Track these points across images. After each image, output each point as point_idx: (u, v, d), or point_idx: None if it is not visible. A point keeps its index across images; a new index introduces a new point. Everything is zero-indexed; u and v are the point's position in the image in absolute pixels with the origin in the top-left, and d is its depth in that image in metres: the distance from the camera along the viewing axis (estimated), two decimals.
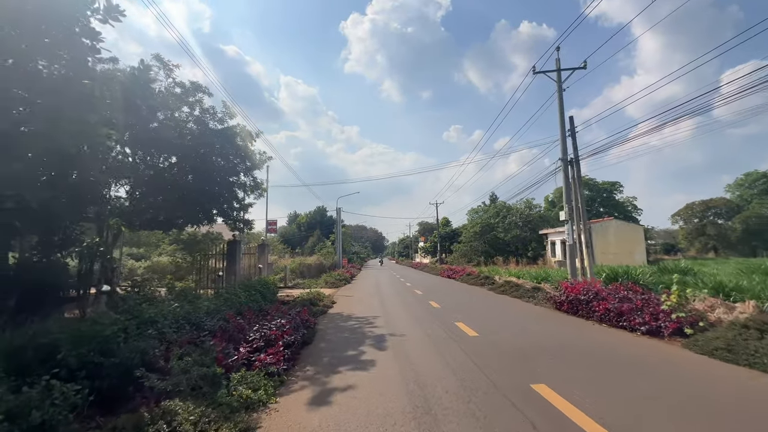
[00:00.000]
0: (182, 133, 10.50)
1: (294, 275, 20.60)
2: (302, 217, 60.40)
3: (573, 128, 14.73)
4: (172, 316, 5.84)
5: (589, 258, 13.98)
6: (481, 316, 8.18)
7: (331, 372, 4.66)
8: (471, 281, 17.61)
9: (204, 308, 7.02)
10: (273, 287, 13.27)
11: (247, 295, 9.72)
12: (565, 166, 14.51)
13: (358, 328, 7.42)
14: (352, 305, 11.05)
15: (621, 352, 5.21)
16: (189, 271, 12.64)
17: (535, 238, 41.58)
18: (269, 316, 6.46)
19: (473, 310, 9.11)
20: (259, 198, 14.17)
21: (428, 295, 12.80)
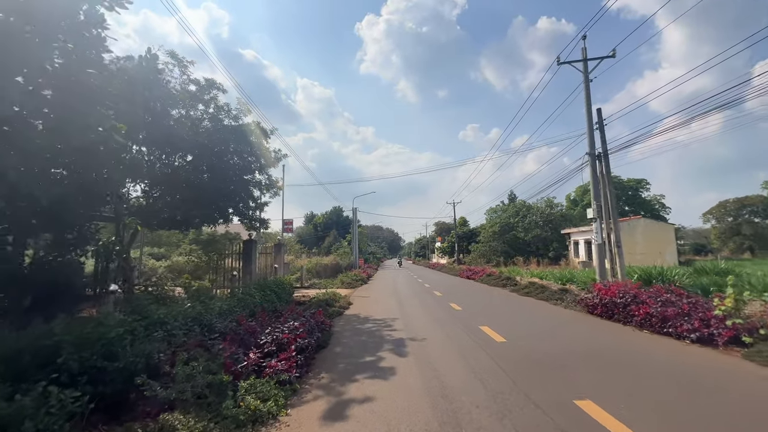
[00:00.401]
0: (197, 131, 10.39)
1: (310, 275, 20.43)
2: (319, 217, 60.61)
3: (601, 120, 13.94)
4: (183, 317, 5.60)
5: (620, 258, 13.18)
6: (506, 320, 7.65)
7: (348, 380, 4.28)
8: (492, 282, 16.97)
9: (216, 309, 6.78)
10: (289, 287, 13.04)
11: (262, 296, 9.48)
12: (593, 160, 13.74)
13: (376, 331, 7.03)
14: (369, 306, 10.68)
15: (673, 363, 4.63)
16: (207, 271, 12.55)
17: (557, 238, 40.32)
18: (283, 317, 6.14)
19: (498, 313, 8.57)
20: (275, 197, 14.00)
21: (448, 297, 12.30)
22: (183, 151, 10.43)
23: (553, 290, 11.57)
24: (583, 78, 14.23)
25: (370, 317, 8.64)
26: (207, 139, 10.41)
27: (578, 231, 34.28)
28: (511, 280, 15.89)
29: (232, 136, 10.82)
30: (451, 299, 11.57)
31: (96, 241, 8.87)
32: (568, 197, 55.14)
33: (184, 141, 9.95)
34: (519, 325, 7.13)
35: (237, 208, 12.22)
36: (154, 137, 9.65)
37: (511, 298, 11.40)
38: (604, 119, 13.99)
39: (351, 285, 17.78)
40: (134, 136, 8.31)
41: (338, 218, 59.14)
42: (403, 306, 10.54)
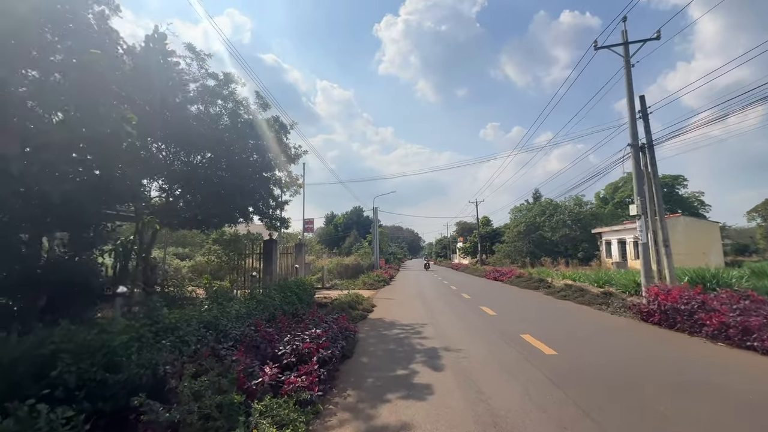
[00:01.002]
0: (216, 127, 10.09)
1: (331, 276, 20.02)
2: (339, 217, 60.53)
3: (645, 108, 12.79)
4: (196, 322, 5.16)
5: (668, 259, 12.00)
6: (550, 328, 6.84)
7: (378, 400, 3.67)
8: (522, 284, 15.99)
9: (233, 312, 6.33)
10: (310, 288, 12.60)
11: (282, 297, 9.03)
12: (636, 152, 12.61)
13: (405, 338, 6.39)
14: (394, 310, 10.05)
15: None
16: (228, 271, 12.31)
17: (586, 238, 38.54)
18: (303, 323, 5.60)
19: (538, 320, 7.75)
20: (295, 195, 13.65)
21: (478, 300, 11.52)
22: (202, 148, 10.15)
23: (594, 294, 10.59)
24: (624, 63, 13.10)
25: (396, 322, 8.02)
26: (226, 136, 10.09)
27: (611, 230, 32.52)
28: (544, 282, 14.90)
29: (251, 131, 10.47)
30: (482, 302, 10.79)
31: (114, 240, 8.67)
32: (597, 195, 52.86)
33: (203, 137, 9.65)
34: (566, 334, 6.31)
35: (257, 206, 11.88)
36: (173, 133, 9.39)
37: (548, 302, 10.50)
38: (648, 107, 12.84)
39: (373, 286, 17.23)
40: (151, 132, 8.04)
41: (358, 218, 58.85)
42: (431, 310, 9.85)
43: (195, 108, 10.05)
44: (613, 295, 10.09)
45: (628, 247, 29.89)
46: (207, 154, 10.34)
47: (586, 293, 10.82)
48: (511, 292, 13.74)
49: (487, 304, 10.19)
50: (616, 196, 50.61)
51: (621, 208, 46.30)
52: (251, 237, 16.05)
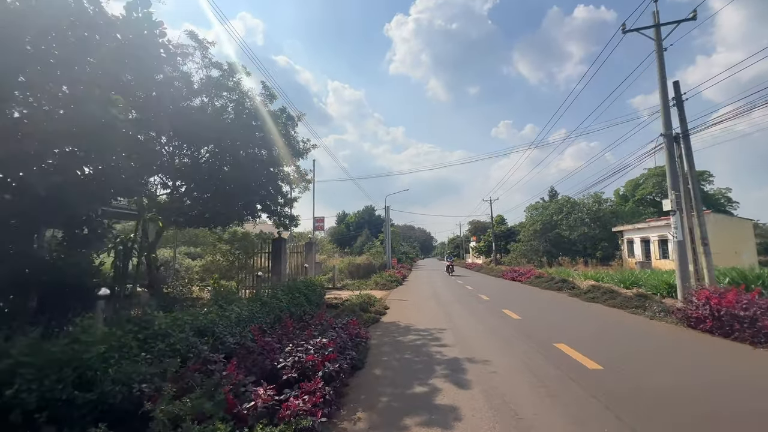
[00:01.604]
0: (221, 120, 9.62)
1: (342, 275, 19.48)
2: (351, 216, 60.10)
3: (679, 95, 11.83)
4: (190, 328, 4.63)
5: (707, 258, 11.05)
6: (586, 335, 6.06)
7: (394, 426, 3.04)
8: (543, 285, 15.12)
9: (233, 316, 5.80)
10: (320, 289, 12.06)
11: (290, 299, 8.50)
12: (670, 142, 11.65)
13: (422, 346, 5.74)
14: (408, 312, 9.41)
15: None
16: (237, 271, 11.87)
17: (606, 237, 37.16)
18: (308, 331, 5.00)
19: (569, 325, 6.96)
20: (304, 191, 13.13)
21: (498, 302, 10.76)
22: (206, 142, 9.69)
23: (626, 296, 9.73)
24: (655, 47, 12.15)
25: (411, 326, 7.37)
26: (231, 129, 9.61)
27: (633, 228, 31.13)
28: (567, 283, 14.02)
29: (257, 124, 9.97)
30: (503, 305, 10.04)
31: (114, 238, 8.25)
32: (616, 192, 51.06)
33: (207, 130, 9.20)
34: (607, 344, 5.54)
35: (265, 204, 11.40)
36: (175, 126, 8.96)
37: (576, 305, 9.68)
38: (683, 93, 11.89)
39: (386, 286, 16.61)
40: (150, 123, 7.59)
41: (370, 217, 58.32)
42: (449, 313, 9.16)
43: (199, 100, 9.61)
44: (648, 297, 9.23)
45: (653, 245, 28.53)
46: (211, 148, 9.89)
47: (617, 295, 9.97)
48: (533, 293, 12.92)
49: (509, 307, 9.44)
50: (636, 194, 48.75)
51: (642, 206, 44.58)
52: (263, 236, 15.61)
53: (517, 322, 7.50)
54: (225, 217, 11.49)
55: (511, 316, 8.10)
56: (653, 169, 46.69)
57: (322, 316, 6.15)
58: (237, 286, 10.20)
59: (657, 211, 42.64)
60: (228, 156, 10.01)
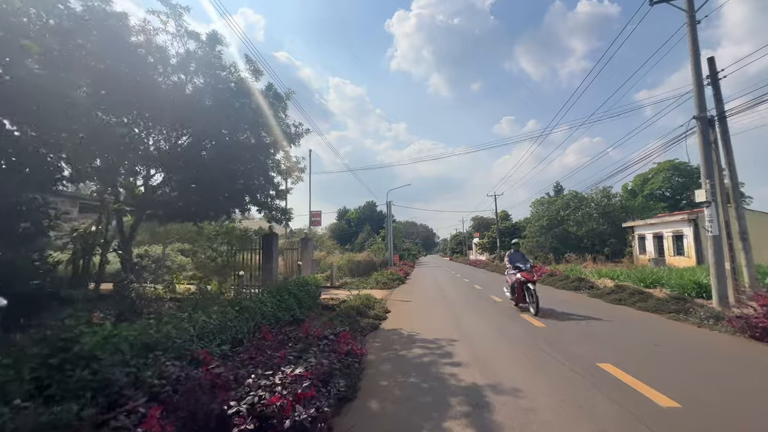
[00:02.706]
0: (200, 99, 8.50)
1: (341, 273, 18.40)
2: (352, 212, 58.97)
3: (714, 73, 10.60)
4: (130, 346, 3.53)
5: (747, 255, 9.86)
6: (637, 353, 4.77)
7: None
8: (558, 284, 13.95)
9: (199, 326, 4.71)
10: (314, 289, 10.97)
11: (276, 302, 7.39)
12: (704, 126, 10.44)
13: (431, 364, 4.62)
14: (412, 316, 8.29)
15: None
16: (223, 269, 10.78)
17: (614, 233, 35.98)
18: (285, 349, 3.86)
19: (608, 338, 5.69)
20: (298, 181, 11.99)
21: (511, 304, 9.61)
22: (183, 124, 8.57)
23: (658, 298, 8.57)
24: (687, 19, 10.90)
25: (416, 336, 6.25)
26: (212, 109, 8.49)
27: (645, 224, 29.89)
28: (584, 282, 12.86)
29: (241, 103, 8.84)
30: (520, 308, 8.88)
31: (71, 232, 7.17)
32: (624, 187, 49.68)
33: (183, 110, 8.08)
34: (669, 366, 4.32)
35: (254, 195, 10.31)
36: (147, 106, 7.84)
37: (603, 310, 8.50)
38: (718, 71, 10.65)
39: (387, 285, 15.50)
40: (110, 99, 6.47)
41: (372, 213, 57.20)
42: (458, 317, 8.03)
43: (176, 77, 8.48)
44: (685, 300, 8.07)
45: (666, 241, 27.28)
46: (189, 131, 8.77)
47: (647, 297, 8.80)
48: (548, 294, 11.76)
49: (528, 312, 8.28)
50: (645, 188, 47.38)
51: (653, 201, 43.24)
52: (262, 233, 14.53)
53: (541, 330, 6.35)
54: (210, 210, 10.41)
55: (533, 323, 6.96)
56: (663, 164, 45.32)
57: (309, 326, 5.04)
58: (220, 287, 9.12)
59: (668, 206, 41.33)
60: (208, 140, 8.91)
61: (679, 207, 41.64)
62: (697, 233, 24.67)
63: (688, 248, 25.09)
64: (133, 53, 7.13)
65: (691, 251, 24.69)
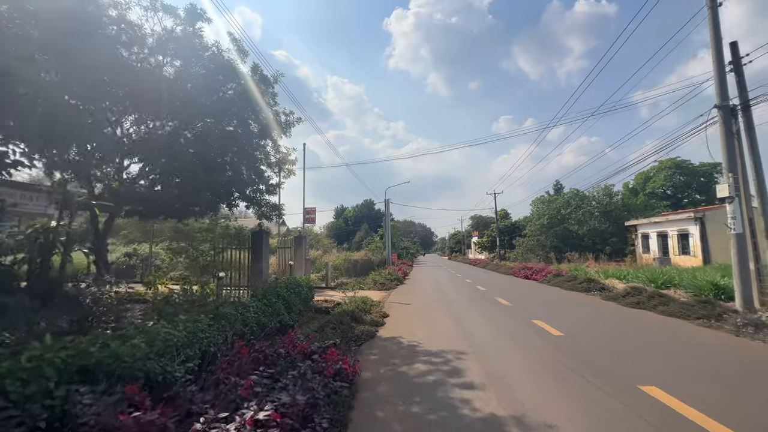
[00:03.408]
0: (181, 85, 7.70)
1: (338, 273, 17.60)
2: (349, 210, 58.14)
3: (737, 59, 9.86)
4: (56, 372, 2.75)
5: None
6: (682, 371, 3.96)
7: None
8: (566, 285, 13.19)
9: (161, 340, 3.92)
10: (306, 290, 10.17)
11: (262, 307, 6.60)
12: (726, 115, 9.71)
13: (437, 386, 3.84)
14: (412, 322, 7.52)
15: None
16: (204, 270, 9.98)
17: (616, 232, 35.40)
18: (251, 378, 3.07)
19: (641, 351, 4.81)
20: (290, 175, 11.20)
21: (522, 308, 8.85)
22: (160, 111, 7.75)
23: (682, 302, 7.83)
24: (708, 2, 10.17)
25: (418, 346, 5.47)
26: (193, 94, 7.68)
27: (649, 222, 29.23)
28: (594, 283, 12.12)
29: (226, 87, 8.04)
30: (530, 312, 8.13)
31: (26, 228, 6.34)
32: (626, 186, 49.00)
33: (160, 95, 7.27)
34: (725, 389, 3.52)
35: (242, 190, 9.52)
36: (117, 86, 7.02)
37: (622, 315, 7.73)
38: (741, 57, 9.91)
39: (385, 286, 14.72)
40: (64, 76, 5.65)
41: (369, 211, 56.40)
42: (464, 323, 7.25)
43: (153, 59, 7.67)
44: (712, 303, 7.34)
45: (671, 240, 26.62)
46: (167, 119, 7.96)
47: (668, 300, 8.06)
48: (559, 296, 11.00)
49: (539, 316, 7.52)
50: (647, 187, 46.80)
51: (654, 199, 42.66)
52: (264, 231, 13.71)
53: (560, 340, 5.58)
54: (194, 205, 9.61)
55: (549, 331, 6.18)
56: (665, 162, 44.72)
57: (293, 338, 4.25)
58: (203, 289, 8.30)
59: (670, 205, 40.76)
60: (188, 128, 8.10)
61: (681, 205, 41.09)
62: (704, 232, 24.01)
63: (694, 247, 24.43)
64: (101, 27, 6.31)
65: (697, 250, 24.03)
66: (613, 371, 4.03)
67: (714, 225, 23.95)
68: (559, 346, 5.13)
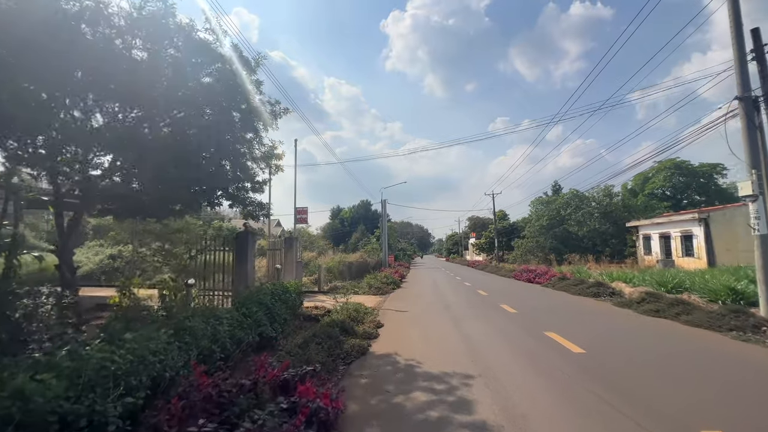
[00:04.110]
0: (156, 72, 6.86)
1: (331, 276, 16.76)
2: (345, 211, 57.24)
3: (760, 46, 9.17)
4: None
5: None
6: (750, 408, 3.24)
7: None
8: (573, 290, 12.42)
9: (92, 367, 3.10)
10: (295, 297, 9.37)
11: (238, 320, 5.80)
12: (748, 107, 9.02)
13: (442, 426, 3.04)
14: (410, 334, 6.72)
15: None
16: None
17: (615, 233, 34.85)
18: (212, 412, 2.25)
19: (686, 376, 4.02)
20: (277, 172, 10.36)
21: (532, 317, 8.04)
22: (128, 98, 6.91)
23: (708, 310, 7.08)
24: None
25: (417, 367, 4.67)
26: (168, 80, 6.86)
27: (651, 223, 28.63)
28: (604, 288, 11.36)
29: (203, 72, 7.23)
30: (542, 322, 7.33)
31: None
32: (624, 187, 48.48)
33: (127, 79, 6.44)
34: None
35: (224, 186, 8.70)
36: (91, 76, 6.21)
37: (642, 325, 6.92)
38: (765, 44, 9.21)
39: (380, 290, 13.90)
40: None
41: (366, 212, 55.55)
42: (469, 336, 6.44)
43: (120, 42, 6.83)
44: (744, 312, 6.59)
45: (674, 242, 25.99)
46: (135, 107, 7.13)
47: (692, 308, 7.31)
48: (567, 302, 10.21)
49: (552, 327, 6.70)
50: (646, 188, 46.29)
51: (654, 200, 42.14)
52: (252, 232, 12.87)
53: (584, 360, 4.77)
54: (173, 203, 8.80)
55: (567, 347, 5.38)
56: (664, 162, 44.22)
57: (262, 366, 3.43)
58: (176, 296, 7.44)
59: (671, 206, 40.22)
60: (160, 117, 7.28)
61: (680, 206, 40.59)
62: (708, 233, 23.40)
63: (698, 249, 23.80)
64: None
65: (701, 252, 23.40)
66: (665, 411, 3.20)
67: (719, 226, 23.35)
68: (586, 369, 4.34)
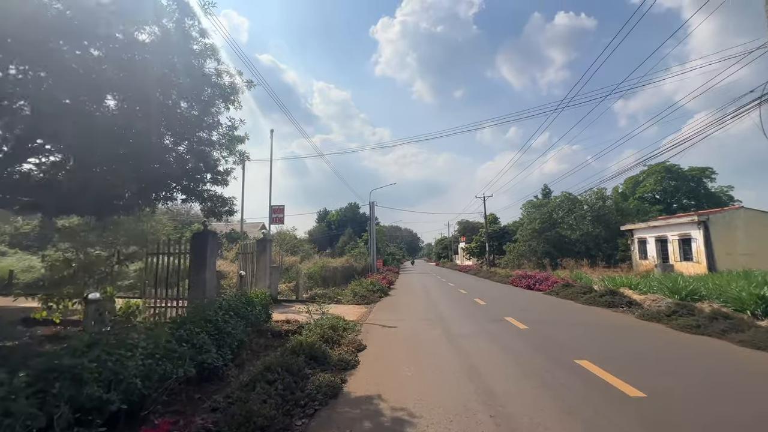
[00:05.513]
0: (71, 25, 5.27)
1: (312, 283, 15.14)
2: (332, 214, 55.51)
3: None
4: None
5: None
6: None
7: None
8: (581, 298, 11.07)
9: None
10: (260, 310, 7.82)
11: (163, 350, 4.23)
12: None
13: None
14: (399, 363, 5.20)
15: None
16: (99, 282, 7.48)
17: (609, 237, 34.07)
18: None
19: None
20: (241, 162, 8.78)
21: (551, 338, 6.59)
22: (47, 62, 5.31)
23: (761, 328, 5.76)
24: None
25: (410, 425, 3.16)
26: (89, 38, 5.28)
27: (647, 227, 27.84)
28: (619, 297, 10.05)
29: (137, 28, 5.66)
30: (564, 344, 5.88)
31: None
32: (615, 190, 48.14)
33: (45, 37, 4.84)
34: None
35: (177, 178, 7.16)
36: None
37: (697, 350, 5.45)
38: None
39: (366, 299, 12.37)
40: None
41: (354, 215, 53.94)
42: (476, 367, 4.95)
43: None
44: None
45: (671, 246, 25.14)
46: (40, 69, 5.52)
47: (744, 325, 6.00)
48: (583, 315, 8.79)
49: (584, 353, 5.24)
50: (637, 191, 45.98)
51: (646, 204, 41.73)
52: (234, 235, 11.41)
53: (651, 411, 3.33)
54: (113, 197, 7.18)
55: (617, 386, 3.91)
56: (654, 166, 43.97)
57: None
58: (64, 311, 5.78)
59: (662, 209, 39.80)
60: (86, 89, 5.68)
61: (671, 210, 40.22)
62: (708, 237, 22.58)
63: (697, 253, 22.93)
64: None
65: (701, 256, 22.54)
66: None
67: (719, 229, 22.57)
68: (645, 418, 2.88)
